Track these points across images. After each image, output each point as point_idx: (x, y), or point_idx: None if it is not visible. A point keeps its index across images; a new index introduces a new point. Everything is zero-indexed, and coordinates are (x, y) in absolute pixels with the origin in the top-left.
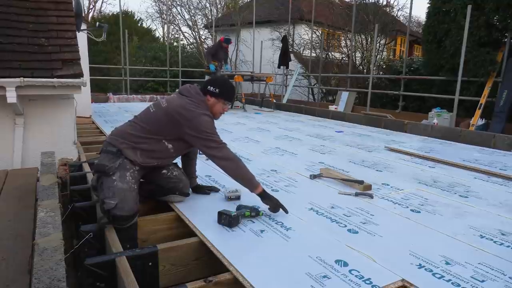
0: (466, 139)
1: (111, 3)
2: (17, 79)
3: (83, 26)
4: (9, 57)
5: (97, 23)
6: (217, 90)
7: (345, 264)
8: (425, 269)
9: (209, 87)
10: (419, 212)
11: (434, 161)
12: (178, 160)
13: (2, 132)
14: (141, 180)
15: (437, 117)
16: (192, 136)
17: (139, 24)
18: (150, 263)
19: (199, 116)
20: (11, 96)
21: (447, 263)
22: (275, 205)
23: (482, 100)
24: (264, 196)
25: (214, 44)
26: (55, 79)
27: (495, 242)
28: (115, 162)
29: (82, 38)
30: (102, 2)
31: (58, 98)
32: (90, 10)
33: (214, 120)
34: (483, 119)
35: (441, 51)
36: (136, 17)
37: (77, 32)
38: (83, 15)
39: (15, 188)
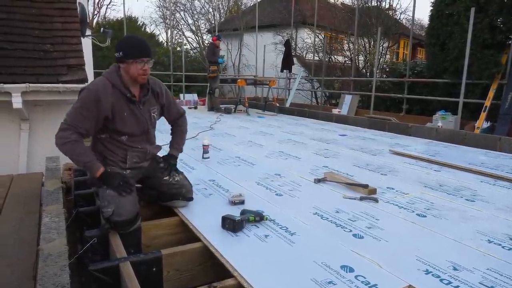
0: (471, 142)
1: (115, 8)
2: (23, 85)
3: (88, 32)
4: (14, 63)
5: (102, 28)
6: (120, 53)
7: (351, 270)
8: (432, 275)
9: (115, 56)
10: (425, 216)
11: (440, 165)
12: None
13: (7, 137)
14: (144, 186)
15: (442, 120)
16: None
17: (142, 29)
18: (154, 269)
19: (80, 94)
20: (17, 102)
21: (454, 269)
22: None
23: (487, 102)
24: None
25: (210, 46)
26: (60, 85)
27: (503, 247)
28: None
29: (86, 44)
30: (106, 8)
31: (63, 103)
32: (94, 16)
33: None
34: (488, 122)
35: (444, 53)
36: (139, 22)
37: (82, 38)
38: (88, 21)
39: (20, 193)
